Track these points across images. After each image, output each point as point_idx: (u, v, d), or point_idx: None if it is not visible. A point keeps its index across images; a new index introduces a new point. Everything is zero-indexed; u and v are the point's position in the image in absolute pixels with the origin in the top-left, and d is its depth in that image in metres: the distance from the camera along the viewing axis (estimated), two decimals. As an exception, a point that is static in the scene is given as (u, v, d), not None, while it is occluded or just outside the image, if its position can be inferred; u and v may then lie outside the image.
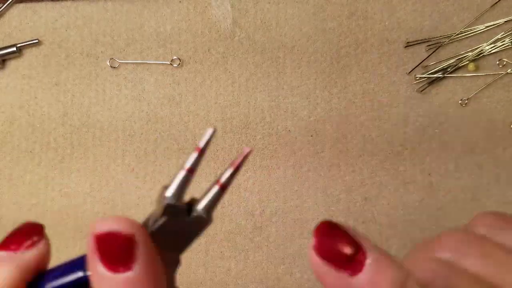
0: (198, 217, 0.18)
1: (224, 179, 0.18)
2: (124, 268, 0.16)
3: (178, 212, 0.18)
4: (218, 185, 0.18)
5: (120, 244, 0.16)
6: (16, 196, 0.39)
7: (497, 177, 0.39)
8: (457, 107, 0.39)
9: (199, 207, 0.18)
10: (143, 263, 0.17)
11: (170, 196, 0.18)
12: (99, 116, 0.39)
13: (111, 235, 0.16)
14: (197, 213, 0.18)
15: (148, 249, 0.17)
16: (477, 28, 0.39)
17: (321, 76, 0.39)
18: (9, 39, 0.39)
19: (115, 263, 0.16)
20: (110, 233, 0.16)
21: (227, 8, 0.39)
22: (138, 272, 0.16)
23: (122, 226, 0.16)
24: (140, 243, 0.17)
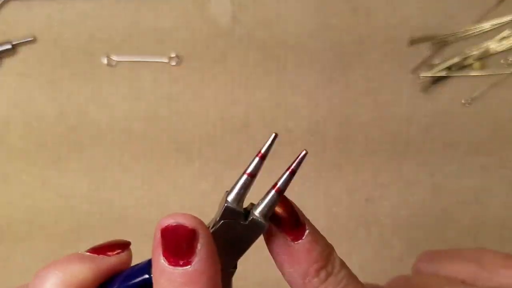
0: (255, 221, 0.19)
1: (281, 184, 0.19)
2: (183, 261, 0.18)
3: (236, 216, 0.19)
4: (274, 190, 0.19)
5: (182, 236, 0.18)
6: (12, 196, 0.39)
7: (501, 178, 0.39)
8: (462, 106, 0.39)
9: (256, 212, 0.19)
10: (203, 258, 0.18)
11: (231, 200, 0.19)
12: (95, 115, 0.39)
13: (175, 227, 0.18)
14: (254, 218, 0.19)
15: (209, 245, 0.18)
16: (483, 26, 0.39)
17: (323, 74, 0.39)
18: (4, 37, 0.39)
19: (176, 255, 0.18)
20: (174, 226, 0.18)
21: (227, 4, 0.39)
22: (196, 267, 0.18)
23: (186, 220, 0.18)
24: (201, 238, 0.18)
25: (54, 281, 0.19)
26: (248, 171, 0.19)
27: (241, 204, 0.19)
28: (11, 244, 0.38)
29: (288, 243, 0.19)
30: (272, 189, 0.19)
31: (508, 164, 0.39)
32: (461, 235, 0.39)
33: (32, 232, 0.38)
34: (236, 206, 0.19)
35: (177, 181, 0.39)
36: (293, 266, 0.19)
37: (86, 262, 0.20)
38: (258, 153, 0.19)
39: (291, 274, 0.19)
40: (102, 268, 0.20)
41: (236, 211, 0.19)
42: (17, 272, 0.38)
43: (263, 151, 0.19)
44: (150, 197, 0.39)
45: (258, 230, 0.19)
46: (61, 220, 0.39)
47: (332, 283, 0.19)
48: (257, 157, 0.19)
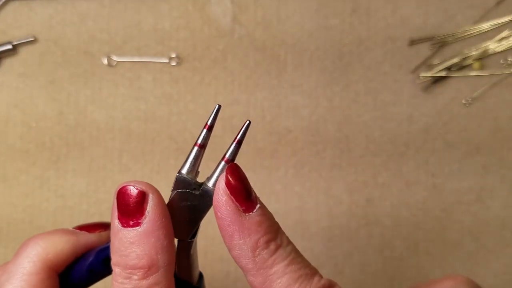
0: (207, 190, 0.20)
1: (229, 155, 0.20)
2: (134, 222, 0.19)
3: (188, 186, 0.20)
4: (224, 160, 0.20)
5: (133, 198, 0.19)
6: (11, 196, 0.38)
7: (502, 178, 0.39)
8: (462, 106, 0.39)
9: (209, 183, 0.20)
10: (151, 219, 0.19)
11: (184, 171, 0.20)
12: (95, 115, 0.39)
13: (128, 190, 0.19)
14: (206, 187, 0.20)
15: (158, 208, 0.19)
16: (482, 26, 0.39)
17: (323, 74, 0.39)
18: (4, 37, 0.39)
19: (127, 216, 0.19)
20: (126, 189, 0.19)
21: (227, 4, 0.39)
22: (145, 227, 0.19)
23: (137, 184, 0.19)
24: (150, 200, 0.19)
25: (35, 249, 0.21)
26: (198, 142, 0.20)
27: (193, 175, 0.20)
28: (11, 244, 0.38)
29: (240, 214, 0.19)
30: (222, 160, 0.20)
31: (508, 164, 0.39)
32: (461, 235, 0.38)
33: (32, 232, 0.38)
34: (187, 176, 0.20)
35: (177, 181, 0.38)
36: (243, 237, 0.19)
37: (67, 235, 0.22)
38: (205, 125, 0.20)
39: (240, 246, 0.20)
40: (81, 242, 0.22)
41: (187, 180, 0.20)
42: (16, 272, 0.38)
43: (209, 123, 0.20)
44: (150, 197, 0.38)
45: (210, 199, 0.20)
46: (61, 220, 0.38)
47: (281, 256, 0.20)
48: (205, 129, 0.20)
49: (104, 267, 0.21)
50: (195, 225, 0.21)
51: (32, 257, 0.21)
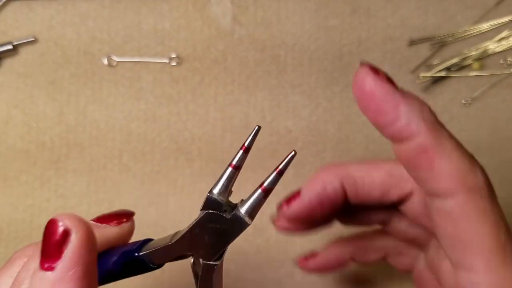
0: (238, 217, 0.19)
1: (267, 184, 0.19)
2: (48, 265, 0.16)
3: (218, 207, 0.19)
4: (261, 189, 0.19)
5: (54, 235, 0.16)
6: (11, 196, 0.38)
7: (501, 178, 0.39)
8: (461, 106, 0.39)
9: (242, 208, 0.19)
10: (66, 265, 0.16)
11: (215, 192, 0.19)
12: (95, 115, 0.39)
13: (52, 225, 0.16)
14: (238, 214, 0.19)
15: (78, 250, 0.16)
16: (482, 26, 0.39)
17: (323, 75, 0.39)
18: (5, 37, 0.39)
19: (45, 256, 0.16)
20: (52, 223, 0.16)
21: (227, 4, 0.39)
22: (56, 274, 0.16)
23: (64, 219, 0.16)
24: (73, 239, 0.16)
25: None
26: (232, 163, 0.19)
27: (225, 196, 0.19)
28: (11, 244, 0.38)
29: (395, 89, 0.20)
30: (259, 188, 0.19)
31: (508, 164, 0.39)
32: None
33: (32, 232, 0.38)
34: (218, 197, 0.19)
35: (177, 181, 0.38)
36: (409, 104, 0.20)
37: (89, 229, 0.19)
38: (242, 146, 0.19)
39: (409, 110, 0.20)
40: (103, 237, 0.20)
41: (218, 201, 0.19)
42: (16, 272, 0.38)
43: (246, 144, 0.19)
44: (150, 197, 0.38)
45: (240, 227, 0.19)
46: (61, 220, 0.38)
47: None
48: (241, 150, 0.19)
49: (127, 269, 0.21)
50: (221, 248, 0.20)
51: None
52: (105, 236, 0.21)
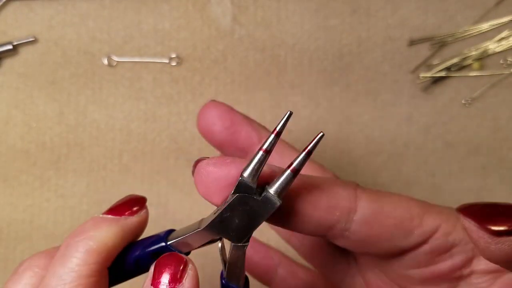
0: (268, 198, 0.19)
1: (296, 164, 0.19)
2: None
3: (249, 191, 0.19)
4: (290, 169, 0.19)
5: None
6: (11, 196, 0.38)
7: (501, 178, 0.39)
8: (461, 106, 0.39)
9: (271, 189, 0.19)
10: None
11: (246, 175, 0.19)
12: (95, 115, 0.39)
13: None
14: (268, 194, 0.19)
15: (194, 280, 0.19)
16: (482, 26, 0.39)
17: (323, 75, 0.39)
18: (5, 37, 0.39)
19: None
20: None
21: (227, 5, 0.39)
22: None
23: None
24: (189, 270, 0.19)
25: (86, 249, 0.19)
26: (263, 147, 0.19)
27: (255, 180, 0.19)
28: (11, 244, 0.38)
29: None
30: (288, 168, 0.19)
31: (507, 164, 0.39)
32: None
33: (32, 232, 0.38)
34: (250, 181, 0.19)
35: (177, 181, 0.38)
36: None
37: (112, 226, 0.20)
38: (274, 130, 0.19)
39: None
40: (127, 230, 0.20)
41: (249, 185, 0.19)
42: (16, 272, 0.38)
43: (278, 128, 0.19)
44: (150, 197, 0.38)
45: (270, 207, 0.19)
46: (61, 220, 0.38)
47: None
48: (273, 134, 0.19)
49: (151, 261, 0.20)
50: (251, 230, 0.20)
51: (85, 258, 0.19)
52: (128, 228, 0.21)
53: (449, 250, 0.21)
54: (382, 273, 0.23)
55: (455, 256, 0.21)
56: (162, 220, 0.38)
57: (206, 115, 0.24)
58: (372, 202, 0.20)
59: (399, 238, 0.20)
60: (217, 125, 0.24)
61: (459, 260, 0.21)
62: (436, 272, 0.21)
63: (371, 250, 0.21)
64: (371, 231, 0.20)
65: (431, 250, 0.21)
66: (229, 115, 0.24)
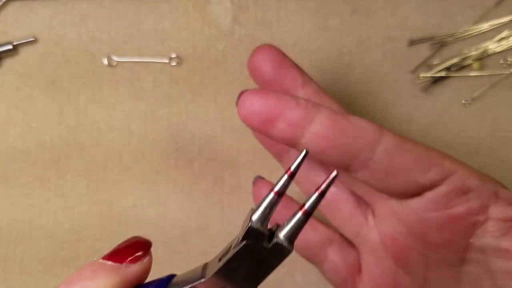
0: (279, 245, 0.18)
1: (308, 206, 0.18)
2: None
3: (259, 237, 0.17)
4: (302, 212, 0.18)
5: None
6: (11, 196, 0.38)
7: (501, 178, 0.39)
8: (461, 106, 0.39)
9: (281, 234, 0.18)
10: None
11: (255, 220, 0.17)
12: (95, 115, 0.39)
13: None
14: (279, 242, 0.18)
15: None
16: (482, 26, 0.39)
17: (323, 75, 0.39)
18: (4, 37, 0.39)
19: None
20: None
21: (227, 5, 0.39)
22: None
23: None
24: None
25: None
26: (275, 189, 0.17)
27: (265, 224, 0.18)
28: (11, 244, 0.38)
29: None
30: (299, 210, 0.18)
31: (508, 164, 0.39)
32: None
33: (32, 232, 0.38)
34: (260, 227, 0.18)
35: (177, 181, 0.38)
36: None
37: (111, 275, 0.18)
38: (287, 171, 0.17)
39: None
40: (127, 280, 0.19)
41: (260, 232, 0.18)
42: (16, 272, 0.38)
43: (292, 169, 0.17)
44: (150, 197, 0.38)
45: (282, 255, 0.18)
46: (61, 220, 0.38)
47: None
48: (286, 175, 0.17)
49: None
50: (260, 279, 0.18)
51: None
52: (128, 278, 0.19)
53: (466, 193, 0.22)
54: (399, 223, 0.23)
55: (471, 200, 0.22)
56: (162, 220, 0.38)
57: (259, 56, 0.27)
58: (395, 138, 0.22)
59: (417, 172, 0.21)
60: (267, 65, 0.27)
61: (476, 205, 0.22)
62: (453, 215, 0.21)
63: (390, 185, 0.22)
64: (391, 163, 0.21)
65: (448, 191, 0.22)
66: (279, 57, 0.27)
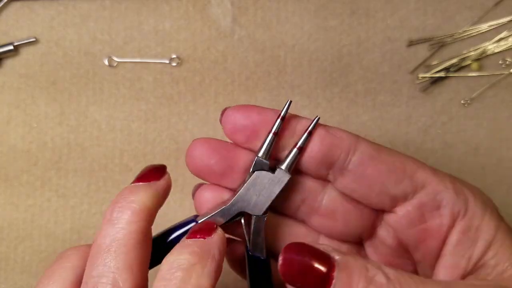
0: (281, 173, 0.23)
1: (301, 143, 0.23)
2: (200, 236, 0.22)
3: (264, 167, 0.23)
4: (297, 148, 0.23)
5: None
6: (12, 196, 0.39)
7: (500, 179, 0.39)
8: (460, 107, 0.39)
9: (282, 166, 0.23)
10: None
11: (260, 155, 0.23)
12: (96, 115, 0.39)
13: None
14: (280, 170, 0.23)
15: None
16: (481, 27, 0.39)
17: (322, 75, 0.39)
18: (6, 38, 0.39)
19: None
20: None
21: (227, 6, 0.39)
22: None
23: None
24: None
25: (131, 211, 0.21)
26: (272, 130, 0.23)
27: (268, 157, 0.23)
28: (12, 244, 0.38)
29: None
30: (294, 147, 0.23)
31: (507, 164, 0.39)
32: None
33: (33, 232, 0.38)
34: (264, 159, 0.23)
35: (177, 181, 0.39)
36: None
37: (146, 190, 0.22)
38: (279, 116, 0.23)
39: None
40: (159, 192, 0.23)
41: (264, 162, 0.23)
42: (17, 272, 0.38)
43: (282, 114, 0.24)
44: (150, 197, 0.38)
45: (282, 180, 0.23)
46: (62, 220, 0.39)
47: None
48: (278, 119, 0.23)
49: None
50: (269, 201, 0.23)
51: (131, 218, 0.21)
52: (159, 190, 0.23)
53: (438, 208, 0.23)
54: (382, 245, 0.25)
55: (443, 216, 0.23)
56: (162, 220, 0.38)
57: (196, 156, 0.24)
58: (370, 148, 0.23)
59: (390, 183, 0.23)
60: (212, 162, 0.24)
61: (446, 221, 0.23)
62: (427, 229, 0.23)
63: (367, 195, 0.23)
64: (365, 172, 0.23)
65: (419, 204, 0.23)
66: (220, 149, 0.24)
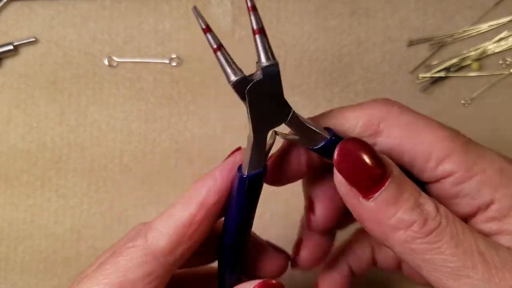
0: (267, 67, 0.21)
1: (255, 25, 0.20)
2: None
3: (248, 80, 0.21)
4: (257, 33, 0.20)
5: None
6: (12, 196, 0.39)
7: (500, 178, 0.39)
8: (460, 107, 0.39)
9: (262, 61, 0.21)
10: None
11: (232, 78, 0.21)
12: (96, 115, 0.39)
13: None
14: (264, 64, 0.21)
15: None
16: (481, 27, 0.39)
17: (323, 75, 0.39)
18: (5, 38, 0.39)
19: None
20: None
21: (227, 5, 0.39)
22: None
23: None
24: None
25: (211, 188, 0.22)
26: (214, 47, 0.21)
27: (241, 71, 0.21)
28: (12, 244, 0.38)
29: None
30: (255, 35, 0.21)
31: (507, 164, 0.39)
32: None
33: (33, 232, 0.38)
34: (241, 74, 0.21)
35: (177, 181, 0.39)
36: None
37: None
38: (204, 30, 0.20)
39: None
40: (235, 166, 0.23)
41: (243, 78, 0.21)
42: (17, 272, 0.38)
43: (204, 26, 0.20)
44: (150, 197, 0.38)
45: (274, 70, 0.21)
46: (62, 220, 0.39)
47: None
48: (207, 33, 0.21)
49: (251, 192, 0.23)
50: (281, 99, 0.21)
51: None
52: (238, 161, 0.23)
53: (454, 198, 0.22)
54: None
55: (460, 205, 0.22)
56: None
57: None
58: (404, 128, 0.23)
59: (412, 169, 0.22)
60: None
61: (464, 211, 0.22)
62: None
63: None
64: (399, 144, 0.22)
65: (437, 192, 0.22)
66: None
